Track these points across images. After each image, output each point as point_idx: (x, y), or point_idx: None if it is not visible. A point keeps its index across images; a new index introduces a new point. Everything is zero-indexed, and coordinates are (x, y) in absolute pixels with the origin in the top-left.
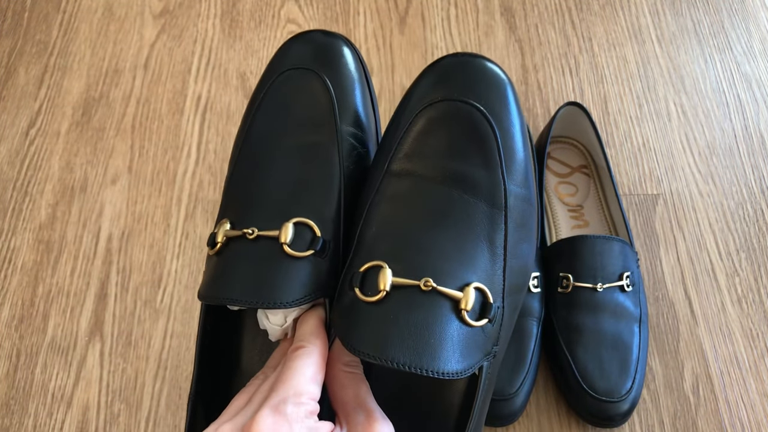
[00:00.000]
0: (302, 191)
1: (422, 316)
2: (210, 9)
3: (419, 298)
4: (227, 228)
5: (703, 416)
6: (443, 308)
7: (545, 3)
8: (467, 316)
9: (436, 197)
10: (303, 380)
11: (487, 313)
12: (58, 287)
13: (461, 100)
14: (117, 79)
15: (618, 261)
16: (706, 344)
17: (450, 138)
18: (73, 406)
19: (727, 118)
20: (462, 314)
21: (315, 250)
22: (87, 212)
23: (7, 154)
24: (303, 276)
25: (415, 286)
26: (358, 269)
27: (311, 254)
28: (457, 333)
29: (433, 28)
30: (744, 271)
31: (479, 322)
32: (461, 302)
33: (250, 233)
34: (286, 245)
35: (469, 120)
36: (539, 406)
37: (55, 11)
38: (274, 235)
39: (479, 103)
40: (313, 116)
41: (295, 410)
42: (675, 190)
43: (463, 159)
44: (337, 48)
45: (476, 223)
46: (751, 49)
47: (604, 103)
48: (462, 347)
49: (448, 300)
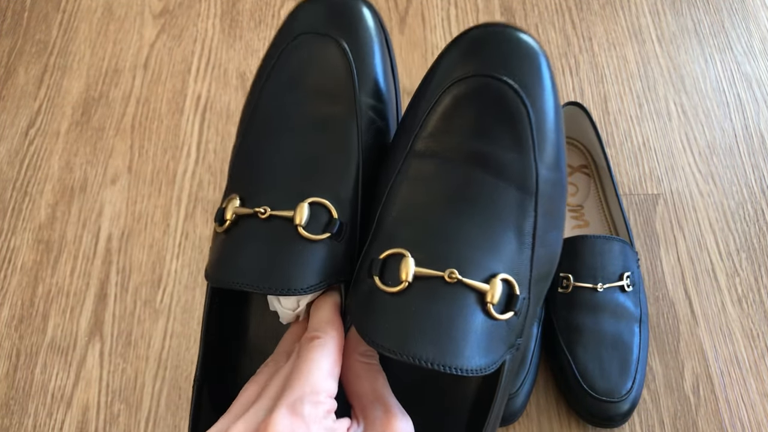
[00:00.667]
0: (318, 168)
1: (445, 309)
2: (210, 9)
3: (443, 289)
4: (237, 204)
5: (703, 416)
6: (468, 301)
7: (545, 3)
8: (493, 310)
9: (463, 180)
10: (320, 376)
11: (513, 305)
12: (58, 287)
13: (491, 75)
14: (117, 78)
15: (618, 261)
16: (706, 344)
17: (479, 117)
18: (72, 406)
19: (727, 118)
20: (488, 307)
21: (331, 233)
22: (87, 212)
23: (7, 154)
24: (317, 261)
25: (439, 277)
26: (377, 256)
27: (327, 237)
28: (482, 327)
29: (433, 28)
30: (744, 271)
31: (505, 315)
32: (487, 295)
33: (263, 212)
34: (300, 227)
35: (500, 97)
36: (539, 406)
37: (55, 11)
38: (288, 216)
39: (511, 78)
40: (329, 86)
41: (313, 411)
42: (675, 189)
43: (492, 140)
44: (355, 9)
45: (504, 208)
46: (752, 48)
47: (604, 103)
48: (486, 342)
49: (473, 292)
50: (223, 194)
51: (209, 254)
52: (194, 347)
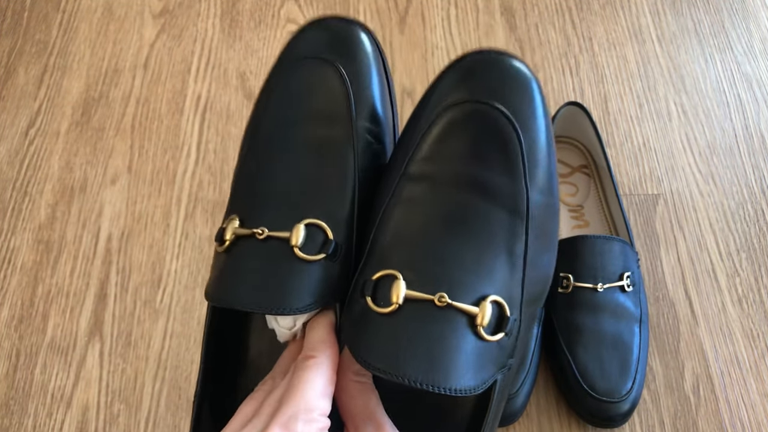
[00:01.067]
0: (315, 190)
1: (436, 331)
2: (210, 9)
3: (433, 312)
4: (236, 225)
5: (703, 416)
6: (458, 323)
7: (545, 3)
8: (483, 332)
9: (455, 204)
10: (313, 395)
11: (504, 327)
12: (58, 287)
13: (484, 102)
14: (117, 78)
15: (618, 261)
16: (706, 344)
17: (472, 142)
18: (72, 407)
19: (727, 118)
20: (477, 329)
21: (327, 254)
22: (86, 212)
23: (7, 154)
24: (313, 281)
25: (429, 300)
26: (370, 277)
27: (322, 258)
28: (472, 348)
29: (433, 28)
30: (744, 272)
31: (495, 337)
32: (477, 317)
33: (260, 233)
34: (297, 248)
35: (493, 124)
36: (539, 407)
37: (55, 11)
38: (285, 237)
39: (504, 105)
40: (327, 110)
41: (306, 428)
42: (675, 190)
43: (484, 165)
44: (354, 36)
45: (496, 232)
46: (752, 48)
47: (605, 103)
48: (476, 362)
49: (463, 315)
50: (225, 213)
51: (210, 272)
52: (194, 347)
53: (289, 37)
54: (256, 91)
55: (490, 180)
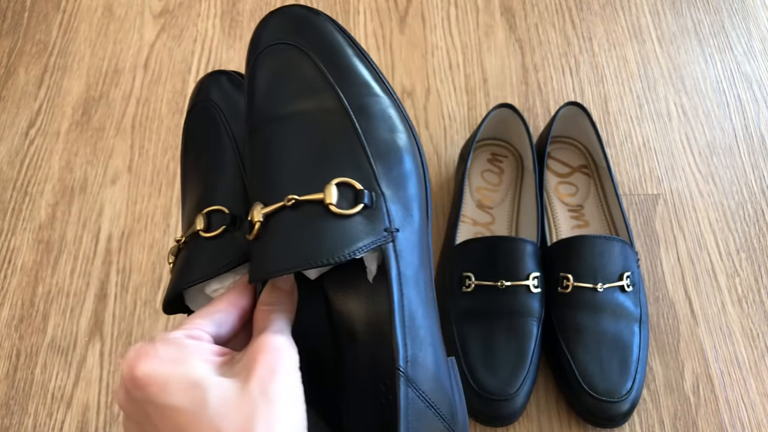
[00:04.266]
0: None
1: (297, 226)
2: (210, 9)
3: (290, 214)
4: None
5: (703, 416)
6: (313, 211)
7: (545, 3)
8: (337, 208)
9: (290, 130)
10: (189, 318)
11: (360, 199)
12: (58, 287)
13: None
14: (117, 79)
15: (618, 261)
16: (706, 344)
17: (282, 78)
18: (72, 406)
19: (727, 118)
20: (330, 208)
21: (226, 226)
22: (87, 212)
23: (7, 154)
24: (222, 249)
25: (281, 207)
26: (246, 219)
27: (223, 230)
28: (335, 225)
29: (433, 28)
30: (744, 271)
31: (353, 209)
32: (325, 199)
33: (180, 240)
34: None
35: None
36: (539, 406)
37: (55, 11)
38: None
39: (292, 41)
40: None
41: (164, 334)
42: (675, 189)
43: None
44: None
45: (327, 131)
46: (752, 49)
47: (605, 103)
48: (345, 235)
49: (315, 204)
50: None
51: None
52: None
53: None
54: None
55: (308, 98)
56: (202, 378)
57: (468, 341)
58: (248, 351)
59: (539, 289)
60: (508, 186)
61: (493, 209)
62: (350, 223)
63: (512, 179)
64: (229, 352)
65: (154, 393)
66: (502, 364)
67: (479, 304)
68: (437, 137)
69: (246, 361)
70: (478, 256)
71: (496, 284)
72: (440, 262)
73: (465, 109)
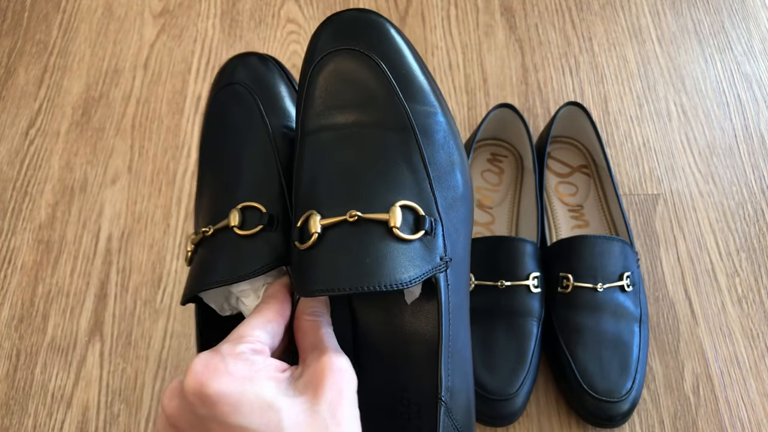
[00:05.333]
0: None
1: (357, 243)
2: (210, 9)
3: (350, 230)
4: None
5: (703, 416)
6: (374, 231)
7: (545, 3)
8: (400, 233)
9: (351, 141)
10: (247, 327)
11: (422, 225)
12: (58, 287)
13: (342, 48)
14: (117, 79)
15: (618, 261)
16: (706, 344)
17: (348, 85)
18: (72, 406)
19: (727, 118)
20: (394, 231)
21: (263, 225)
22: (87, 212)
23: (7, 154)
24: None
25: (342, 221)
26: (296, 225)
27: (261, 229)
28: (395, 249)
29: (433, 28)
30: (744, 271)
31: (415, 235)
32: (390, 221)
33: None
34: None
35: (356, 62)
36: (539, 406)
37: (55, 11)
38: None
39: (358, 46)
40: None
41: (231, 347)
42: (675, 190)
43: (365, 99)
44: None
45: (391, 150)
46: (752, 49)
47: (605, 103)
48: (404, 260)
49: (377, 224)
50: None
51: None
52: (194, 347)
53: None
54: None
55: (373, 110)
56: (273, 398)
57: None
58: (311, 369)
59: (539, 289)
60: (508, 186)
61: (493, 209)
62: (410, 248)
63: (512, 179)
64: (288, 368)
65: (225, 412)
66: (502, 364)
67: (479, 304)
68: None
69: (311, 379)
70: (478, 256)
71: (496, 284)
72: None
73: (465, 109)
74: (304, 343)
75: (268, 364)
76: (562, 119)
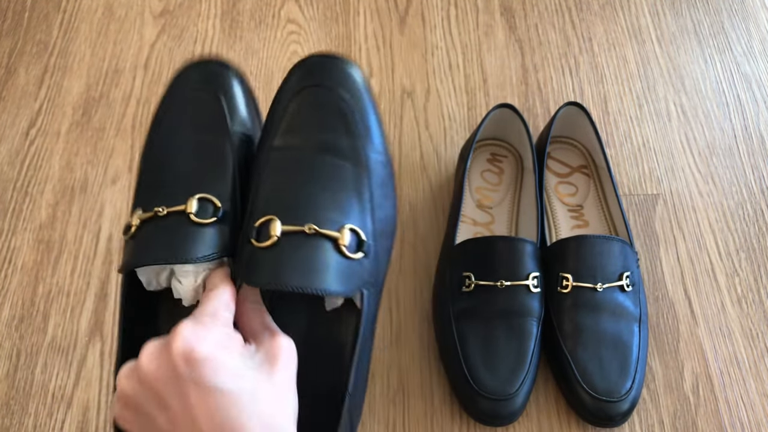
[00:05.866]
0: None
1: (309, 251)
2: (210, 9)
3: (305, 239)
4: (140, 214)
5: (702, 416)
6: (325, 245)
7: (545, 3)
8: (345, 250)
9: (312, 162)
10: (218, 304)
11: (362, 248)
12: (59, 287)
13: (326, 85)
14: (117, 79)
15: (618, 261)
16: (705, 344)
17: (319, 115)
18: (73, 406)
19: (726, 119)
20: (341, 248)
21: (217, 218)
22: (87, 212)
23: (8, 154)
24: (208, 238)
25: (300, 231)
26: (253, 224)
27: (214, 221)
28: (338, 263)
29: (433, 28)
30: (744, 271)
31: (356, 255)
32: (339, 239)
33: (161, 211)
34: (192, 215)
35: (334, 101)
36: (539, 406)
37: (56, 11)
38: (181, 209)
39: (340, 88)
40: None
41: (213, 320)
42: (675, 190)
43: (330, 131)
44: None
45: (346, 180)
46: (751, 49)
47: (604, 103)
48: (343, 274)
49: (328, 239)
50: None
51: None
52: None
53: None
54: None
55: (337, 142)
56: (242, 367)
57: (468, 341)
58: (266, 346)
59: (539, 288)
60: (507, 186)
61: (492, 209)
62: (350, 264)
63: (512, 179)
64: (246, 345)
65: (207, 374)
66: (501, 364)
67: (479, 304)
68: (437, 137)
69: (268, 355)
70: (477, 256)
71: (496, 284)
72: (440, 262)
73: (465, 109)
74: (252, 325)
75: (236, 338)
76: (561, 119)
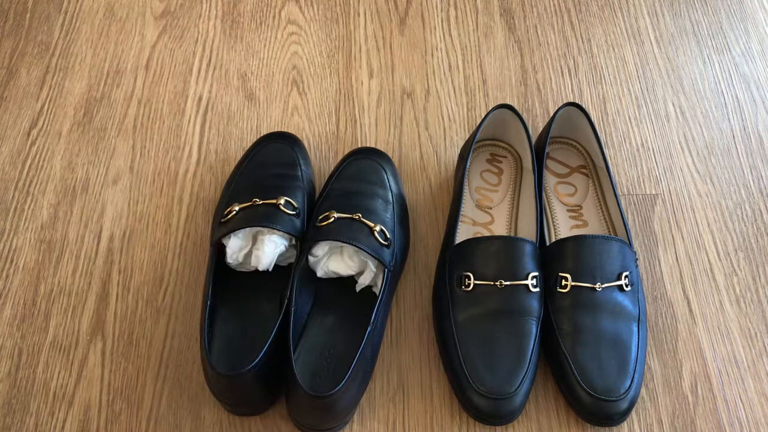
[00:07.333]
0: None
1: (355, 230)
2: (211, 10)
3: (353, 223)
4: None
5: (701, 415)
6: (365, 228)
7: (544, 4)
8: (378, 236)
9: (357, 194)
10: None
11: (387, 240)
12: (60, 287)
13: (365, 157)
14: (118, 79)
15: (617, 261)
16: (704, 343)
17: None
18: (74, 405)
19: (725, 119)
20: (375, 233)
21: (296, 213)
22: (88, 212)
23: (9, 155)
24: (289, 222)
25: (350, 217)
26: (318, 217)
27: (294, 215)
28: (373, 241)
29: (432, 29)
30: (742, 271)
31: (384, 242)
32: (374, 229)
33: (257, 201)
34: (281, 205)
35: (373, 164)
36: (538, 405)
37: (57, 12)
38: (273, 202)
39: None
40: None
41: None
42: (673, 190)
43: (369, 182)
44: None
45: (378, 203)
46: (750, 50)
47: (603, 104)
48: (374, 246)
49: (367, 226)
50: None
51: None
52: (195, 346)
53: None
54: (257, 91)
55: (372, 189)
56: None
57: (467, 340)
58: None
59: (538, 288)
60: (507, 186)
61: (492, 209)
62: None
63: (511, 179)
64: None
65: None
66: (501, 363)
67: (478, 304)
68: (437, 138)
69: None
70: (477, 256)
71: (496, 284)
72: (440, 261)
73: (464, 109)
74: None
75: None
76: (560, 120)
